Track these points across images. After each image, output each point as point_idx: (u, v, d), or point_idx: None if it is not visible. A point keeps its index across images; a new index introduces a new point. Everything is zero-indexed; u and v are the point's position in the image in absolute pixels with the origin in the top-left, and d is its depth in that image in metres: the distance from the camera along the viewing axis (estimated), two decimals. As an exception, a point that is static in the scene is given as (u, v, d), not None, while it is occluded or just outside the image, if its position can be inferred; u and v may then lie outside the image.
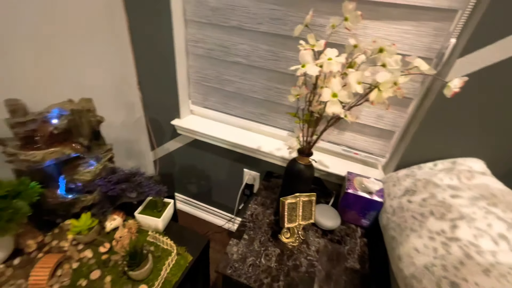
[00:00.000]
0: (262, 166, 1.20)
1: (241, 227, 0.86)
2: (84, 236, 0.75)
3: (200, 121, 1.25)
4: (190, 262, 0.77)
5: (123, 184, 0.74)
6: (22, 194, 0.68)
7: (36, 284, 0.66)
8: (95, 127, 0.81)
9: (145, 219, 0.80)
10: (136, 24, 1.06)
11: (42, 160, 0.71)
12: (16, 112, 0.71)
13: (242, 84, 1.08)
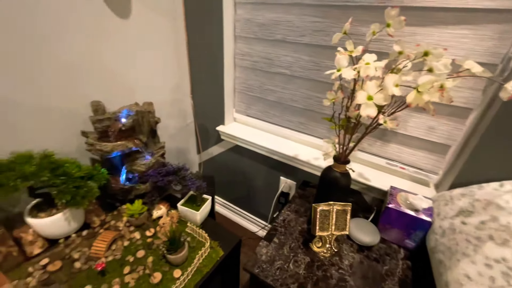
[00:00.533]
0: (298, 174, 1.19)
1: (272, 231, 0.87)
2: (135, 220, 0.87)
3: (242, 128, 1.33)
4: (221, 256, 0.81)
5: (170, 176, 0.84)
6: (94, 177, 0.83)
7: (96, 253, 0.78)
8: (153, 127, 0.95)
9: (186, 211, 0.88)
10: (193, 41, 1.22)
11: (111, 150, 0.86)
12: (97, 111, 0.89)
13: (283, 94, 1.12)
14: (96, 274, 0.73)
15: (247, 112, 1.31)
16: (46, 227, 0.77)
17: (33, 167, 0.68)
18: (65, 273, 0.73)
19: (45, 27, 0.77)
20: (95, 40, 0.90)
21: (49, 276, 0.72)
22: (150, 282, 0.71)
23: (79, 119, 0.93)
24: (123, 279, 0.72)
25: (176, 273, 0.74)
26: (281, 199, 1.28)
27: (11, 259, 0.73)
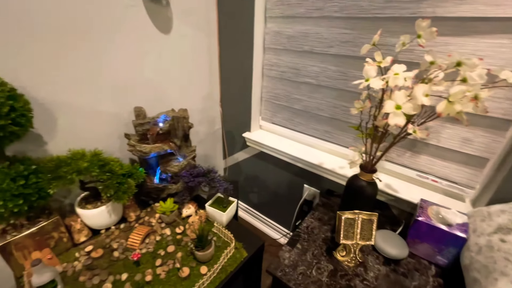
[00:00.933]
0: (323, 183, 1.19)
1: (295, 237, 0.88)
2: (167, 217, 0.93)
3: (267, 135, 1.36)
4: (245, 257, 0.84)
5: (200, 177, 0.90)
6: (134, 176, 0.91)
7: (132, 245, 0.85)
8: (186, 131, 1.03)
9: (213, 211, 0.93)
10: (224, 54, 1.30)
11: (149, 152, 0.94)
12: (139, 116, 0.99)
13: (309, 103, 1.14)
14: (131, 263, 0.80)
15: (273, 119, 1.35)
16: (92, 218, 0.86)
17: (86, 163, 0.78)
18: (106, 260, 0.81)
19: (102, 46, 0.89)
20: (140, 56, 1.01)
21: (92, 261, 0.80)
22: (179, 276, 0.76)
23: (122, 123, 1.04)
24: (155, 270, 0.77)
25: (202, 269, 0.78)
26: (304, 207, 1.29)
27: (62, 244, 0.83)
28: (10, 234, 0.73)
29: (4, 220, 0.68)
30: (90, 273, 0.76)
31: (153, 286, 0.73)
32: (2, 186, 0.64)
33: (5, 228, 0.75)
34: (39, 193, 0.72)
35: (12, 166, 0.68)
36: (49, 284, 0.67)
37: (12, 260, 0.73)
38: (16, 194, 0.67)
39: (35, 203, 0.72)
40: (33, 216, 0.79)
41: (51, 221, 0.78)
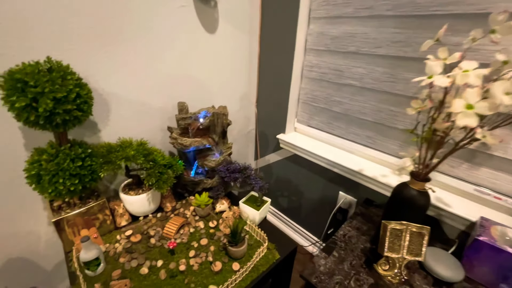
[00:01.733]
0: (360, 191, 1.12)
1: (331, 244, 0.83)
2: (201, 210, 0.95)
3: (302, 138, 1.33)
4: (277, 259, 0.81)
5: (237, 173, 0.90)
6: (173, 167, 0.94)
7: (167, 234, 0.87)
8: (224, 128, 1.04)
9: (247, 208, 0.92)
10: (264, 55, 1.31)
11: (189, 145, 0.97)
12: (182, 110, 1.03)
13: (351, 106, 1.09)
14: (166, 251, 0.82)
15: (309, 122, 1.32)
16: (133, 203, 0.91)
17: (133, 151, 0.83)
18: (143, 245, 0.84)
19: (156, 44, 0.95)
20: (187, 53, 1.06)
21: (131, 245, 0.84)
22: (211, 269, 0.76)
23: (165, 117, 1.09)
24: (188, 261, 0.78)
25: (234, 265, 0.77)
26: (338, 215, 1.22)
27: (105, 226, 0.89)
28: (64, 211, 0.80)
29: (61, 196, 0.74)
30: (129, 256, 0.79)
31: (186, 276, 0.74)
32: (63, 165, 0.70)
33: (61, 205, 0.82)
34: (92, 175, 0.77)
35: (72, 148, 0.75)
36: (94, 261, 0.72)
37: (64, 235, 0.80)
38: (73, 174, 0.73)
39: (87, 184, 0.78)
40: (84, 197, 0.85)
41: (99, 202, 0.83)
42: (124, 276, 0.73)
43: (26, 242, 0.88)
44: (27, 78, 0.60)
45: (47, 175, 0.69)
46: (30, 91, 0.60)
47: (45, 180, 0.70)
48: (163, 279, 0.73)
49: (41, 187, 0.71)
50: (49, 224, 0.91)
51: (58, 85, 0.63)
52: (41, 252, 0.93)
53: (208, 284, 0.72)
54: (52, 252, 0.95)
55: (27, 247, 0.89)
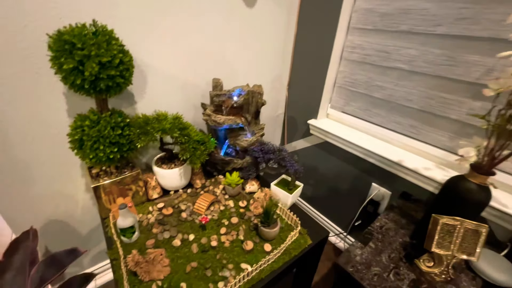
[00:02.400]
0: (397, 184, 1.06)
1: (367, 234, 0.79)
2: (231, 189, 0.94)
3: (334, 124, 1.27)
4: (309, 245, 0.79)
5: (271, 154, 0.87)
6: (206, 144, 0.93)
7: (198, 209, 0.87)
8: (258, 107, 1.01)
9: (278, 191, 0.89)
10: (302, 34, 1.24)
11: (223, 123, 0.95)
12: (216, 87, 1.00)
13: (395, 91, 1.01)
14: (197, 226, 0.82)
15: (344, 108, 1.25)
16: (166, 177, 0.91)
17: (169, 124, 0.82)
18: (175, 219, 0.85)
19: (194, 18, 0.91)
20: (224, 29, 1.01)
21: (163, 217, 0.85)
22: (242, 248, 0.75)
23: (198, 93, 1.07)
24: (219, 237, 0.78)
25: (266, 246, 0.75)
26: (369, 207, 1.17)
27: (138, 197, 0.90)
28: (102, 178, 0.81)
29: (101, 163, 0.75)
30: (161, 227, 0.80)
31: (218, 251, 0.74)
32: (104, 132, 0.71)
33: (98, 173, 0.84)
34: (129, 144, 0.78)
35: (112, 116, 0.75)
36: (129, 229, 0.73)
37: (101, 202, 0.82)
38: (113, 142, 0.73)
39: (125, 153, 0.78)
40: (120, 167, 0.87)
41: (135, 172, 0.84)
42: (158, 246, 0.74)
43: (65, 206, 0.92)
44: (75, 40, 0.59)
45: (89, 141, 0.70)
46: (77, 54, 0.60)
47: (87, 146, 0.70)
48: (195, 253, 0.73)
49: (83, 153, 0.72)
50: (86, 191, 0.94)
51: (103, 49, 0.62)
52: (78, 216, 0.97)
53: (240, 262, 0.71)
54: (88, 217, 0.99)
55: (65, 211, 0.93)
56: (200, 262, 0.70)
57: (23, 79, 0.69)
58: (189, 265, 0.69)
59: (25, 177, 0.80)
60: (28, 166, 0.79)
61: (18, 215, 0.84)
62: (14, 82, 0.68)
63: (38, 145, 0.78)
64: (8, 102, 0.69)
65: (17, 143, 0.74)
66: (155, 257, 0.63)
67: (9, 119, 0.71)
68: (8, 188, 0.78)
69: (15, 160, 0.76)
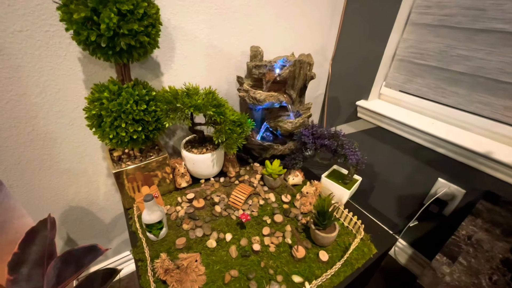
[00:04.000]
0: (477, 181, 0.84)
1: (452, 246, 0.61)
2: (273, 180, 0.78)
3: (390, 107, 1.06)
4: (374, 254, 0.63)
5: (325, 140, 0.70)
6: (243, 125, 0.77)
7: (234, 203, 0.73)
8: (306, 82, 0.82)
9: (332, 185, 0.73)
10: (356, -6, 1.01)
11: (263, 100, 0.78)
12: (256, 57, 0.83)
13: (487, 62, 0.78)
14: (234, 223, 0.68)
15: (404, 86, 1.02)
16: (196, 163, 0.77)
17: (201, 100, 0.66)
18: (207, 213, 0.72)
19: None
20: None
21: (194, 211, 0.72)
22: (292, 254, 0.60)
23: (232, 65, 0.90)
24: (262, 239, 0.64)
25: (322, 255, 0.60)
26: (432, 207, 0.97)
27: (164, 185, 0.78)
28: (124, 162, 0.69)
29: (123, 145, 0.62)
30: (192, 223, 0.68)
31: (262, 257, 0.60)
32: (126, 107, 0.57)
33: (121, 156, 0.72)
34: (156, 123, 0.64)
35: (135, 87, 0.61)
36: (156, 224, 0.61)
37: (123, 190, 0.70)
38: (136, 119, 0.60)
39: (150, 134, 0.65)
40: (145, 150, 0.74)
41: (161, 157, 0.71)
42: (189, 247, 0.62)
43: (86, 192, 0.83)
44: (87, -21, 0.44)
45: (108, 117, 0.56)
46: None
47: (106, 123, 0.57)
48: (234, 257, 0.59)
49: (102, 132, 0.60)
50: (107, 176, 0.84)
51: (123, -6, 0.46)
52: (100, 203, 0.87)
53: (291, 273, 0.56)
54: (111, 205, 0.90)
55: (86, 198, 0.84)
56: (241, 270, 0.57)
57: (31, 38, 0.56)
58: (228, 273, 0.56)
59: (42, 158, 0.70)
60: (44, 146, 0.68)
61: (36, 203, 0.75)
62: (21, 42, 0.56)
63: (53, 123, 0.67)
64: (16, 68, 0.57)
65: (30, 120, 0.63)
66: (189, 264, 0.50)
67: (18, 89, 0.59)
68: (25, 171, 0.69)
69: (30, 138, 0.65)
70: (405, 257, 1.15)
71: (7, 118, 0.61)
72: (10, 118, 0.61)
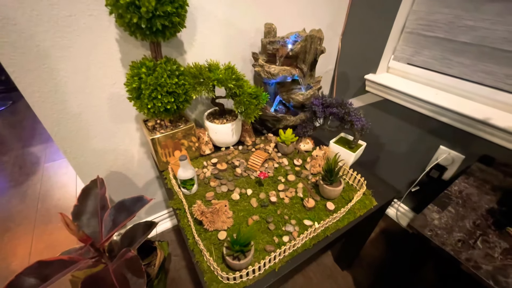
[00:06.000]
0: (475, 146, 0.91)
1: (444, 198, 0.71)
2: (286, 147, 0.88)
3: (397, 79, 1.11)
4: (375, 206, 0.73)
5: (334, 108, 0.78)
6: (259, 98, 0.86)
7: (252, 165, 0.84)
8: (316, 57, 0.89)
9: (339, 149, 0.82)
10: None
11: (277, 74, 0.86)
12: (269, 33, 0.89)
13: (492, 32, 0.81)
14: (254, 182, 0.80)
15: (412, 59, 1.06)
16: (218, 132, 0.88)
17: (223, 74, 0.75)
18: (230, 174, 0.83)
19: None
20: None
21: (218, 172, 0.84)
22: (303, 205, 0.71)
23: (247, 42, 0.97)
24: (278, 193, 0.75)
25: (329, 205, 0.71)
26: (433, 173, 1.05)
27: (191, 152, 0.89)
28: (158, 131, 0.80)
29: (158, 115, 0.73)
30: (218, 181, 0.79)
31: (278, 207, 0.71)
32: (161, 80, 0.67)
33: (154, 125, 0.83)
34: (185, 95, 0.74)
35: (167, 63, 0.70)
36: (189, 180, 0.72)
37: (158, 156, 0.82)
38: (169, 91, 0.70)
39: (180, 105, 0.75)
40: (174, 120, 0.85)
41: (189, 126, 0.82)
42: (217, 198, 0.74)
43: (123, 159, 0.95)
44: (129, -32, 0.52)
45: (147, 90, 0.66)
46: (133, -15, 0.53)
47: (145, 95, 0.68)
48: (255, 207, 0.71)
49: (141, 103, 0.70)
50: (140, 145, 0.96)
51: (159, -20, 0.54)
52: (134, 169, 1.01)
53: (302, 219, 0.68)
54: (143, 171, 1.03)
55: (123, 164, 0.97)
56: (261, 216, 0.69)
57: (77, 21, 0.65)
58: (251, 218, 0.68)
59: (88, 128, 0.82)
60: (90, 117, 0.80)
61: (84, 166, 0.88)
62: (69, 25, 0.65)
63: (96, 97, 0.78)
64: (64, 47, 0.67)
65: (75, 94, 0.74)
66: (220, 207, 0.62)
67: (66, 67, 0.69)
68: (72, 141, 0.81)
69: (79, 111, 0.77)
70: (406, 220, 1.25)
71: (62, 93, 0.72)
72: (64, 93, 0.72)
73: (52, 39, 0.64)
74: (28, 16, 0.60)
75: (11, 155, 1.92)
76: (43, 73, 0.67)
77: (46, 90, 0.70)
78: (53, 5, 0.61)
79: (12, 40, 0.61)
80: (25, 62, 0.64)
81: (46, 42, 0.64)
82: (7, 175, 1.73)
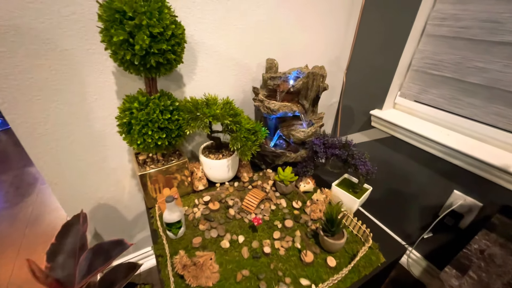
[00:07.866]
0: (494, 194, 0.83)
1: (463, 259, 0.61)
2: (284, 186, 0.82)
3: (404, 116, 1.06)
4: (382, 263, 0.64)
5: (336, 149, 0.72)
6: (257, 133, 0.82)
7: (247, 207, 0.78)
8: (319, 93, 0.86)
9: (342, 194, 0.75)
10: (371, 8, 1.03)
11: (277, 110, 0.82)
12: (271, 68, 0.87)
13: (504, 75, 0.77)
14: (247, 226, 0.72)
15: (419, 97, 1.02)
16: (213, 168, 0.83)
17: (219, 110, 0.72)
18: (222, 215, 0.76)
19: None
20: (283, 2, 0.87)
21: (209, 212, 0.77)
22: (301, 259, 0.63)
23: (249, 77, 0.95)
24: (273, 243, 0.67)
25: (330, 260, 0.63)
26: (447, 220, 0.95)
27: (183, 187, 0.83)
28: (148, 166, 0.76)
29: (148, 150, 0.69)
30: (208, 224, 0.73)
31: (272, 260, 0.63)
32: (153, 116, 0.64)
33: (145, 160, 0.79)
34: (178, 130, 0.70)
35: (161, 98, 0.67)
36: (176, 224, 0.66)
37: (147, 191, 0.77)
38: (161, 127, 0.66)
39: (173, 141, 0.71)
40: (166, 155, 0.81)
41: (181, 161, 0.77)
42: (205, 246, 0.66)
43: (113, 191, 0.90)
44: (126, 8, 0.51)
45: (137, 125, 0.63)
46: (128, 24, 0.52)
47: (135, 130, 0.64)
48: (246, 258, 0.63)
49: (131, 138, 0.66)
50: (132, 177, 0.91)
51: (155, 19, 0.53)
52: (124, 201, 0.95)
53: (299, 276, 0.59)
54: (134, 203, 0.97)
55: (114, 196, 0.92)
56: (252, 270, 0.61)
57: (75, 56, 0.64)
58: (240, 272, 0.60)
59: (80, 159, 0.78)
60: (82, 148, 0.77)
61: (70, 198, 0.83)
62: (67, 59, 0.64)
63: (89, 126, 0.75)
64: (62, 80, 0.66)
65: (69, 123, 0.72)
66: (204, 261, 0.55)
67: (63, 99, 0.68)
68: (65, 169, 0.77)
69: (71, 140, 0.74)
70: (418, 269, 1.13)
71: (53, 125, 0.69)
72: (55, 124, 0.70)
73: (48, 72, 0.63)
74: (25, 50, 0.59)
75: (10, 174, 1.90)
76: (34, 105, 0.65)
77: (35, 121, 0.67)
78: (48, 40, 0.61)
79: (6, 72, 0.60)
80: (17, 94, 0.62)
81: (42, 74, 0.63)
82: (3, 196, 1.70)
